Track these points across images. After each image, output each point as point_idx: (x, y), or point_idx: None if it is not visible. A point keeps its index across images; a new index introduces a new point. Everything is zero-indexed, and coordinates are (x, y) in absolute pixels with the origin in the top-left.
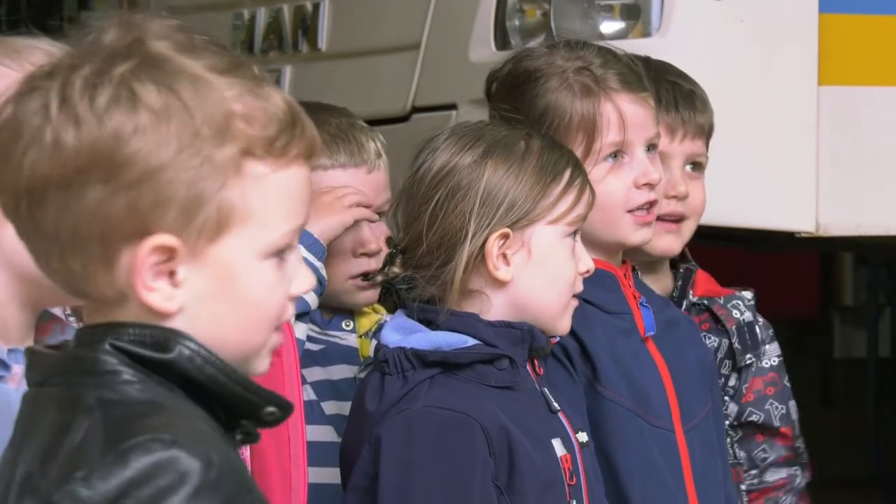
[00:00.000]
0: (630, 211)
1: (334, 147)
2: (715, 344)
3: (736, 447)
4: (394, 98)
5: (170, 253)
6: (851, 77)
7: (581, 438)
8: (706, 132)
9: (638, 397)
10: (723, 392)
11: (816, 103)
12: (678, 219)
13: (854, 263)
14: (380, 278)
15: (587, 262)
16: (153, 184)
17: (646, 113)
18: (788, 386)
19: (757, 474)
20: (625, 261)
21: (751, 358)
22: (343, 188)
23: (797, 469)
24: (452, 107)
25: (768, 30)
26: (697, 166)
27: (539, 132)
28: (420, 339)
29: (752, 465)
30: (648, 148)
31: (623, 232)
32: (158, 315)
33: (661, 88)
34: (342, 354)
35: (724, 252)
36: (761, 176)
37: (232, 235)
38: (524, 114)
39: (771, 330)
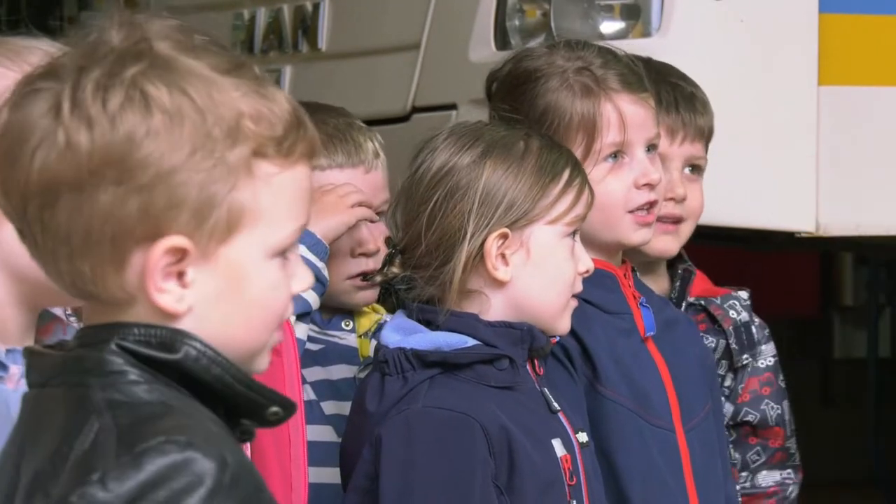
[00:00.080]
0: (630, 211)
1: (332, 147)
2: (712, 344)
3: (731, 448)
4: (394, 98)
5: (181, 254)
6: (851, 77)
7: (581, 438)
8: (706, 135)
9: (638, 397)
10: None
11: (816, 103)
12: (676, 220)
13: (854, 263)
14: (379, 278)
15: (586, 262)
16: (166, 186)
17: (646, 113)
18: (783, 386)
19: (748, 476)
20: (624, 261)
21: (747, 358)
22: (345, 186)
23: (790, 472)
24: (452, 107)
25: (768, 30)
26: (696, 169)
27: (538, 132)
28: (420, 340)
29: (745, 467)
30: (648, 148)
31: (623, 232)
32: (167, 316)
33: (662, 90)
34: (342, 354)
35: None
36: (761, 176)
37: (242, 236)
38: (524, 114)
39: (767, 330)
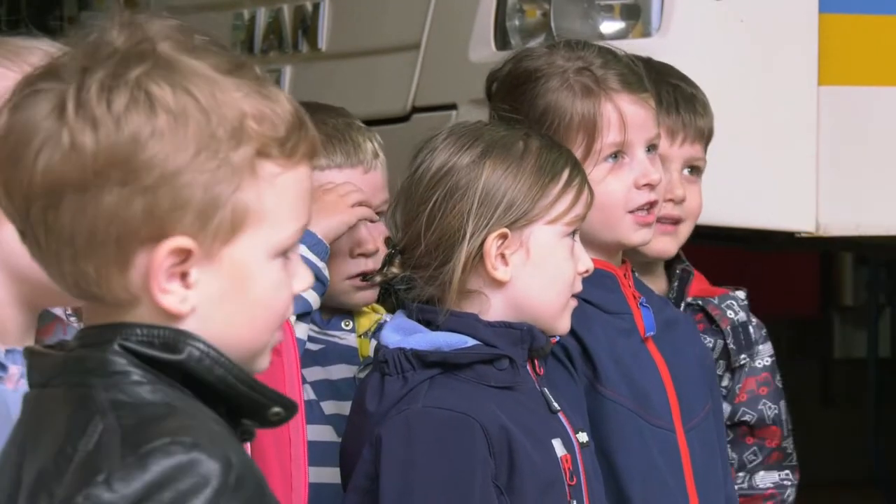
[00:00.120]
0: (630, 211)
1: (330, 147)
2: (710, 344)
3: (728, 448)
4: (394, 98)
5: (185, 255)
6: (851, 77)
7: (581, 438)
8: (706, 137)
9: (638, 397)
10: None
11: (816, 103)
12: (675, 221)
13: (854, 263)
14: (378, 279)
15: (586, 262)
16: (171, 187)
17: (646, 113)
18: (780, 386)
19: (746, 477)
20: (624, 261)
21: (745, 358)
22: (345, 185)
23: (788, 473)
24: (452, 107)
25: (768, 30)
26: (695, 170)
27: (537, 132)
28: (420, 340)
29: (741, 467)
30: (649, 148)
31: (623, 232)
32: (170, 317)
33: (663, 90)
34: (341, 354)
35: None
36: (761, 176)
37: (245, 236)
38: (524, 114)
39: (764, 330)
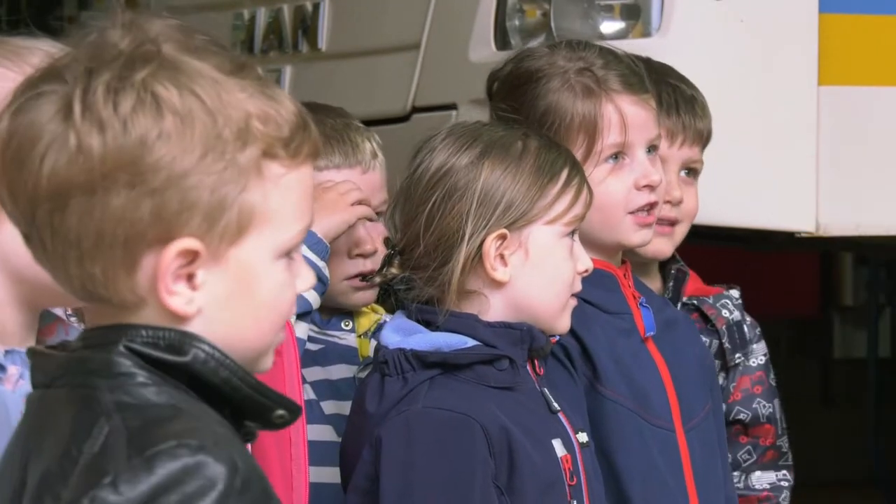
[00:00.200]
0: (630, 212)
1: (329, 148)
2: (705, 343)
3: None
4: (394, 98)
5: (192, 256)
6: (851, 77)
7: (581, 438)
8: (704, 138)
9: (638, 397)
10: None
11: (816, 103)
12: (672, 223)
13: (854, 263)
14: (378, 279)
15: (585, 262)
16: (178, 189)
17: (647, 114)
18: (774, 384)
19: (741, 476)
20: (624, 261)
21: (740, 357)
22: (345, 184)
23: (784, 473)
24: (452, 107)
25: (768, 30)
26: (692, 172)
27: (536, 132)
28: (419, 341)
29: (736, 466)
30: (649, 149)
31: (623, 233)
32: (176, 318)
33: (662, 91)
34: (341, 354)
35: (724, 252)
36: (761, 176)
37: (251, 237)
38: (525, 114)
39: (758, 328)
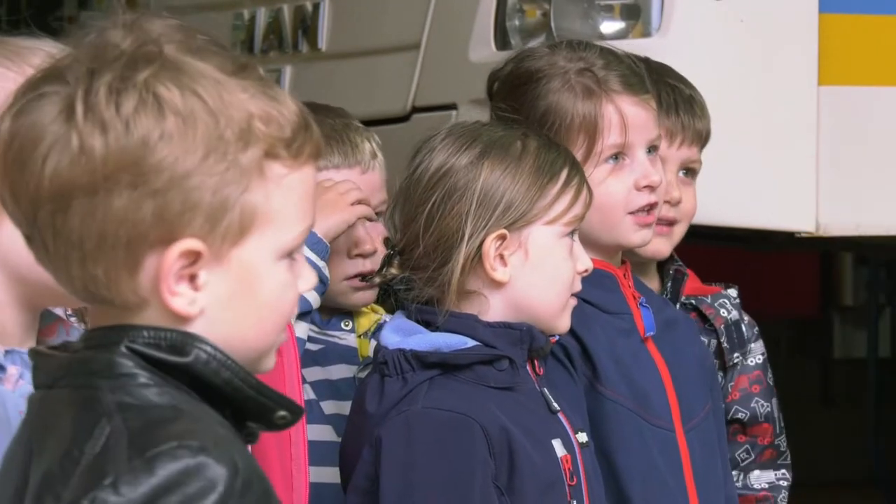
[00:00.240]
0: (631, 213)
1: (328, 148)
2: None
3: None
4: (394, 98)
5: (195, 257)
6: (851, 77)
7: (581, 439)
8: (703, 139)
9: (638, 397)
10: None
11: (816, 103)
12: (670, 223)
13: (854, 263)
14: (377, 279)
15: (585, 262)
16: (180, 190)
17: (647, 115)
18: (772, 384)
19: (739, 476)
20: (624, 261)
21: (738, 356)
22: (344, 183)
23: (783, 473)
24: (452, 107)
25: (768, 30)
26: (690, 172)
27: (536, 132)
28: (419, 341)
29: (734, 466)
30: (649, 150)
31: (623, 233)
32: (178, 319)
33: (661, 91)
34: (341, 354)
35: (724, 252)
36: (761, 176)
37: (254, 238)
38: (525, 114)
39: (756, 328)
